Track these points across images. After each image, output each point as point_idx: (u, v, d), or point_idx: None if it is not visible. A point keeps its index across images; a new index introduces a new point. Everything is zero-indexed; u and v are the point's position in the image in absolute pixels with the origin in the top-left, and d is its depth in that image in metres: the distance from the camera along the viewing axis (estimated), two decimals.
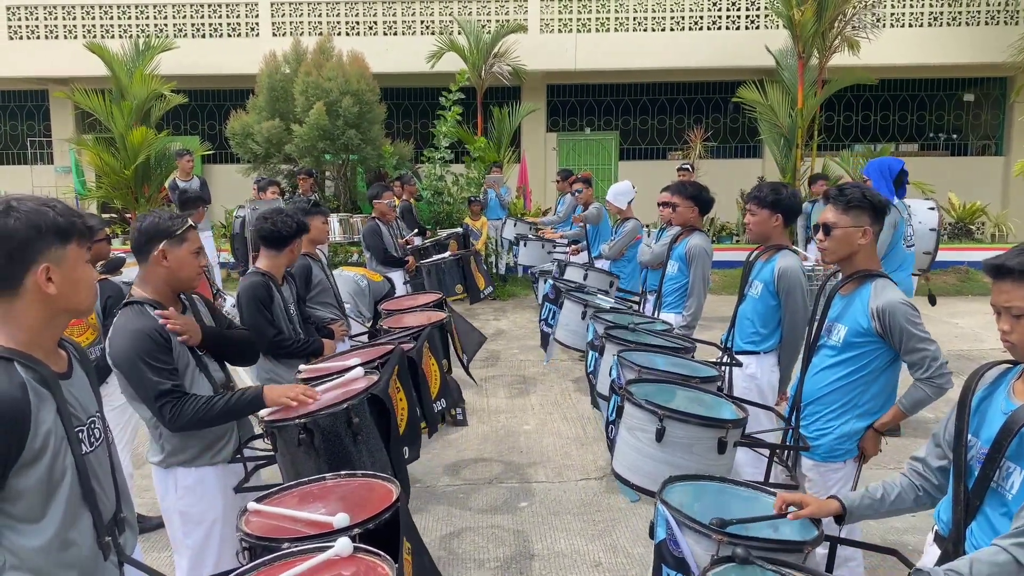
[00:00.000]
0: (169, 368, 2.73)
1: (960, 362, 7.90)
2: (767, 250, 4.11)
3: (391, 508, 2.18)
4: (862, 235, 2.99)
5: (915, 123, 16.70)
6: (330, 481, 2.50)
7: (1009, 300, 2.03)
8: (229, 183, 15.02)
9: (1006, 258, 2.03)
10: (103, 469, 2.01)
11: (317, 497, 2.41)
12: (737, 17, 15.12)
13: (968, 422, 2.21)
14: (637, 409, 2.83)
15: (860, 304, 2.99)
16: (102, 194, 14.01)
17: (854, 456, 3.11)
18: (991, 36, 14.53)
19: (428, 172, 12.73)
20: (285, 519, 2.26)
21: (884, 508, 2.40)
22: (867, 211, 2.99)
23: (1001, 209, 15.40)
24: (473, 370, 7.83)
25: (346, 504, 2.29)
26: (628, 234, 7.01)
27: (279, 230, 3.98)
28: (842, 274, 3.12)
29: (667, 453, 2.72)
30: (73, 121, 16.69)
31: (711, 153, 16.22)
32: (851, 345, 3.01)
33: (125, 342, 2.71)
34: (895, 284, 3.04)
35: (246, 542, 2.14)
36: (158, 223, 2.81)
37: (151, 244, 2.80)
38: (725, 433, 2.75)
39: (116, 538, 2.01)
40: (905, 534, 4.46)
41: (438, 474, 5.41)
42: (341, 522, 2.09)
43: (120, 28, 15.45)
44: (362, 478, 2.49)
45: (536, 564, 4.20)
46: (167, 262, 2.82)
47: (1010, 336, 2.06)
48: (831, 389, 3.09)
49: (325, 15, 15.39)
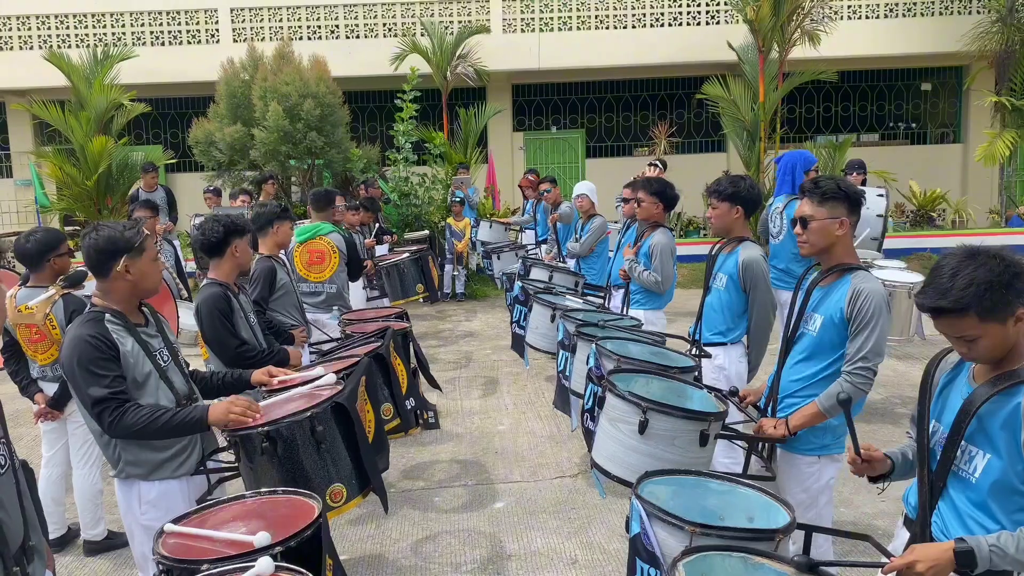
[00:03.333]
0: (110, 375, 2.68)
1: (924, 347, 8.03)
2: (729, 242, 4.16)
3: (312, 525, 2.15)
4: (839, 226, 2.98)
5: (875, 113, 16.95)
6: (250, 500, 2.46)
7: (959, 331, 2.04)
8: (193, 191, 14.80)
9: (934, 298, 2.02)
10: (7, 496, 1.95)
11: (238, 516, 2.36)
12: (697, 13, 15.25)
13: (929, 407, 2.25)
14: (620, 401, 2.82)
15: (838, 295, 2.98)
16: (64, 206, 13.77)
17: (830, 453, 3.10)
18: (946, 26, 14.81)
19: (394, 174, 12.69)
20: (204, 540, 2.21)
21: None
22: (843, 202, 2.98)
23: (961, 195, 15.67)
24: (446, 372, 7.84)
25: (267, 522, 2.25)
26: (596, 231, 7.04)
27: (207, 237, 3.91)
28: (822, 267, 3.11)
29: (650, 445, 2.72)
30: (32, 133, 16.39)
31: (676, 149, 16.34)
32: (827, 337, 3.01)
33: (67, 349, 2.70)
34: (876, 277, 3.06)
35: (163, 564, 2.08)
36: (115, 237, 2.75)
37: (112, 260, 2.75)
38: (707, 426, 2.76)
39: (24, 568, 1.97)
40: (876, 519, 4.53)
41: (412, 478, 5.40)
42: (262, 541, 2.06)
43: (77, 38, 15.20)
44: (283, 495, 2.45)
45: (513, 564, 4.21)
46: (131, 276, 2.78)
47: (972, 355, 2.09)
48: (807, 383, 3.09)
49: (286, 20, 15.26)
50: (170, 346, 3.00)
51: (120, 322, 2.79)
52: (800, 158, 6.27)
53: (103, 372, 2.67)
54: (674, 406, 2.78)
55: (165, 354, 2.95)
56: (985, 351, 2.03)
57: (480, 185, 14.01)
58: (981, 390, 2.05)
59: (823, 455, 3.11)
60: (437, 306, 11.17)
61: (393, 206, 12.41)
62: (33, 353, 4.29)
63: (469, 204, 11.99)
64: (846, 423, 2.49)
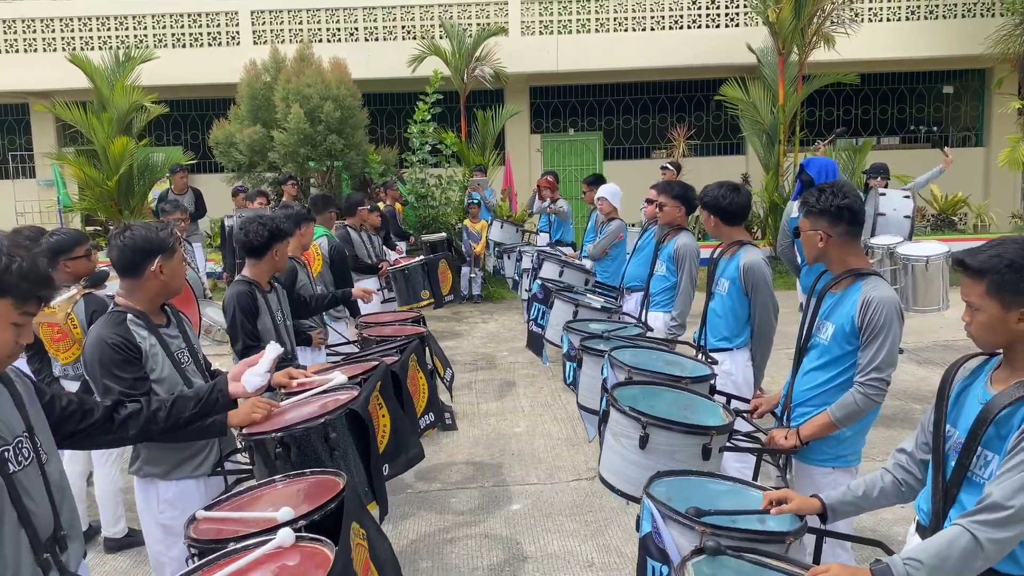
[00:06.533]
0: (131, 377, 2.72)
1: (945, 352, 7.96)
2: (731, 247, 4.17)
3: (336, 499, 2.22)
4: (820, 239, 3.01)
5: (896, 116, 16.80)
6: (280, 483, 2.53)
7: (967, 295, 2.11)
8: (214, 192, 14.90)
9: (966, 254, 2.11)
10: (35, 488, 2.00)
11: (267, 499, 2.44)
12: (717, 15, 15.18)
13: (946, 412, 2.24)
14: (621, 415, 2.83)
15: (849, 303, 2.97)
16: (86, 206, 13.93)
17: (844, 466, 3.07)
18: (968, 28, 14.64)
19: (411, 176, 12.73)
20: (232, 522, 2.30)
21: (867, 505, 2.43)
22: (824, 216, 2.99)
23: (983, 200, 15.51)
24: (463, 373, 7.85)
25: (294, 502, 2.33)
26: (611, 234, 7.03)
27: (251, 239, 4.00)
28: (832, 274, 3.11)
29: (651, 460, 2.71)
30: (55, 134, 16.57)
31: (694, 151, 16.27)
32: (838, 345, 2.99)
33: (90, 349, 2.74)
34: (888, 283, 3.05)
35: (194, 547, 2.17)
36: (151, 237, 2.80)
37: (146, 260, 2.79)
38: (710, 440, 2.74)
39: (57, 555, 2.02)
40: (895, 525, 4.49)
41: (428, 479, 5.41)
42: (285, 516, 2.13)
43: (100, 40, 15.36)
44: (311, 476, 2.52)
45: (529, 566, 4.21)
46: (163, 275, 2.83)
47: (969, 327, 2.14)
48: (820, 391, 3.06)
49: (306, 23, 15.34)
50: (191, 346, 3.03)
51: (142, 322, 2.83)
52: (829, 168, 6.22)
53: (124, 375, 2.70)
54: (674, 421, 2.76)
55: (185, 354, 2.98)
56: (978, 328, 2.10)
57: (497, 187, 14.01)
58: (1000, 396, 2.03)
59: (837, 467, 3.07)
60: (453, 308, 11.20)
61: (411, 208, 12.44)
62: (55, 352, 4.33)
63: (486, 206, 12.00)
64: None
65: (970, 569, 1.93)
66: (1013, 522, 1.89)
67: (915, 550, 1.98)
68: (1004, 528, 1.89)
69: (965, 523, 1.94)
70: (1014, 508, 1.88)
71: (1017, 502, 1.88)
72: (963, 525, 1.94)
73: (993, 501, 1.91)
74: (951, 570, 1.92)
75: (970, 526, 1.93)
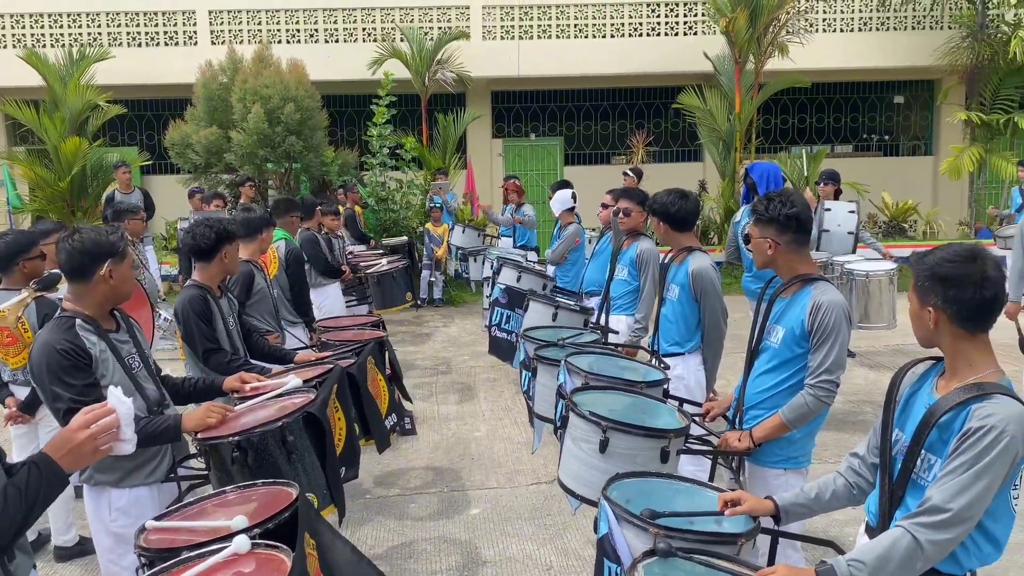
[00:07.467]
0: (80, 383, 2.66)
1: (896, 356, 8.15)
2: (680, 253, 4.23)
3: (290, 507, 2.21)
4: (768, 247, 3.08)
5: (849, 125, 17.16)
6: (231, 494, 2.50)
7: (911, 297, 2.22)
8: (169, 194, 14.67)
9: (915, 259, 2.22)
10: None
11: (219, 508, 2.41)
12: (676, 23, 15.37)
13: (894, 416, 2.30)
14: (581, 420, 2.85)
15: (799, 308, 3.03)
16: (36, 207, 13.59)
17: (795, 467, 3.13)
18: (918, 41, 15.05)
19: (370, 179, 12.67)
20: (184, 531, 2.27)
21: (820, 507, 2.48)
22: (772, 224, 3.06)
23: (931, 207, 15.92)
24: (423, 377, 7.83)
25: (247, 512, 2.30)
26: (568, 238, 7.07)
27: (198, 242, 3.89)
28: (781, 279, 3.19)
29: (611, 464, 2.73)
30: (4, 133, 16.15)
31: (653, 158, 16.44)
32: (789, 348, 3.06)
33: (37, 355, 2.68)
34: (835, 288, 3.12)
35: (145, 557, 2.13)
36: (101, 241, 2.74)
37: (96, 263, 2.74)
38: (668, 443, 2.78)
39: (5, 565, 1.99)
40: (847, 526, 4.58)
41: (387, 484, 5.39)
42: (239, 524, 2.11)
43: (52, 37, 15.01)
44: (263, 487, 2.49)
45: (488, 570, 4.21)
46: (113, 280, 2.77)
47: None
48: (771, 394, 3.13)
49: (265, 23, 15.18)
50: (141, 351, 2.98)
51: (91, 327, 2.77)
52: (771, 173, 6.33)
53: (73, 381, 2.64)
54: (634, 424, 2.79)
55: (136, 360, 2.93)
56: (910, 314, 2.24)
57: (459, 191, 14.00)
58: (943, 401, 2.10)
59: (789, 468, 3.14)
60: (414, 312, 11.16)
61: (371, 211, 12.38)
62: (4, 356, 4.23)
63: (447, 210, 11.99)
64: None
65: (911, 569, 1.99)
66: (952, 524, 1.95)
67: (859, 551, 2.03)
68: (944, 530, 1.95)
69: (907, 525, 2.00)
70: (953, 510, 1.94)
71: (956, 504, 1.94)
72: (905, 527, 2.00)
73: (933, 504, 1.97)
74: (893, 571, 1.97)
75: (911, 528, 1.98)
